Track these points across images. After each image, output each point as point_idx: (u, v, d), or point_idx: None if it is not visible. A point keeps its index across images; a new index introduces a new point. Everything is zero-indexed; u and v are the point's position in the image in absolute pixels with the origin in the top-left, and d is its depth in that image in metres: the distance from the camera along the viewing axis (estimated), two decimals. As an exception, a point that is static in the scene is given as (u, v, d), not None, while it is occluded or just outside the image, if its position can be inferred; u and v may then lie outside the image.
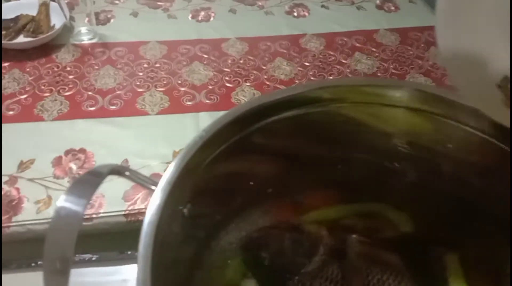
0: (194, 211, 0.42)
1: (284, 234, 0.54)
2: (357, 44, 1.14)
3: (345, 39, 1.16)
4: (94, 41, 1.13)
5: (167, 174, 0.37)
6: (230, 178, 0.48)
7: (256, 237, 0.55)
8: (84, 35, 1.13)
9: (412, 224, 0.58)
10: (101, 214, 0.73)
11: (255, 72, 1.04)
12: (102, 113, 0.96)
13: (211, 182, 0.45)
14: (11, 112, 0.91)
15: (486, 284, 0.53)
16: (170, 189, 0.36)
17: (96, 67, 1.07)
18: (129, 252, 0.67)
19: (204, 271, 0.52)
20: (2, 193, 0.74)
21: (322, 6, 1.27)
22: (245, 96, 0.98)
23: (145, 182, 0.36)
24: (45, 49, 1.07)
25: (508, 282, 0.51)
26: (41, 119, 0.91)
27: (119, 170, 0.35)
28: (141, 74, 1.07)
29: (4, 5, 1.11)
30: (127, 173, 0.36)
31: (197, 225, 0.46)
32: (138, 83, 1.04)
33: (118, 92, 1.02)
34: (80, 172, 0.80)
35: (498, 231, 0.51)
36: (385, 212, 0.58)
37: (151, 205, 0.35)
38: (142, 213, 0.73)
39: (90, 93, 1.01)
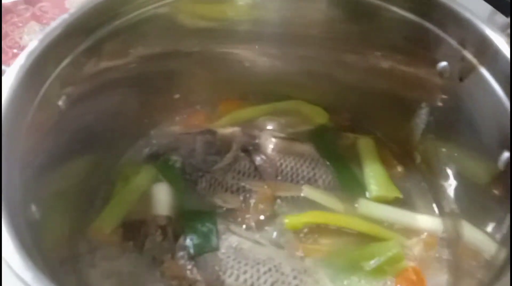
0: (74, 107, 0.40)
1: (195, 137, 0.54)
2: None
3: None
4: (14, -1, 1.08)
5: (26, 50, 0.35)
6: (120, 77, 0.46)
7: (167, 143, 0.54)
8: (3, -7, 1.07)
9: (327, 116, 0.57)
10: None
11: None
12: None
13: (94, 77, 0.43)
14: None
15: (397, 161, 0.53)
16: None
17: (20, 25, 1.02)
18: None
19: (113, 179, 0.51)
20: None
21: None
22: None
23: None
24: (-39, 11, 1.02)
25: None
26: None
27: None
28: (68, 27, 1.02)
29: None
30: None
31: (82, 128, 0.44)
32: (65, 36, 1.00)
33: (45, 47, 0.98)
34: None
35: (402, 110, 0.51)
36: (300, 107, 0.58)
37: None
38: None
39: (15, 51, 0.97)
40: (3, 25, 1.01)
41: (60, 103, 0.40)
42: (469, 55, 0.40)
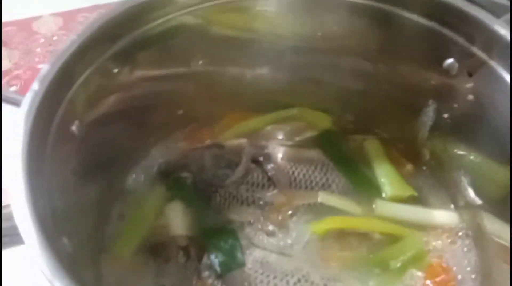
0: (86, 130, 0.39)
1: (203, 152, 0.52)
2: None
3: None
4: (-21, 24, 1.03)
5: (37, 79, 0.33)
6: (125, 97, 0.44)
7: (175, 160, 0.52)
8: (-33, 20, 1.02)
9: (330, 120, 0.57)
10: None
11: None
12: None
13: (102, 98, 0.41)
14: None
15: (405, 159, 0.54)
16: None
17: (-13, 50, 0.98)
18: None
19: (123, 202, 0.49)
20: None
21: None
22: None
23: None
24: None
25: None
26: None
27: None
28: (38, 50, 1.00)
29: None
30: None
31: (97, 152, 0.42)
32: (37, 60, 0.97)
33: (16, 72, 0.95)
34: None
35: (407, 109, 0.52)
36: (302, 113, 0.57)
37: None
38: None
39: (-16, 77, 0.93)
40: (-33, 52, 0.97)
41: (73, 128, 0.38)
42: (478, 51, 0.41)
